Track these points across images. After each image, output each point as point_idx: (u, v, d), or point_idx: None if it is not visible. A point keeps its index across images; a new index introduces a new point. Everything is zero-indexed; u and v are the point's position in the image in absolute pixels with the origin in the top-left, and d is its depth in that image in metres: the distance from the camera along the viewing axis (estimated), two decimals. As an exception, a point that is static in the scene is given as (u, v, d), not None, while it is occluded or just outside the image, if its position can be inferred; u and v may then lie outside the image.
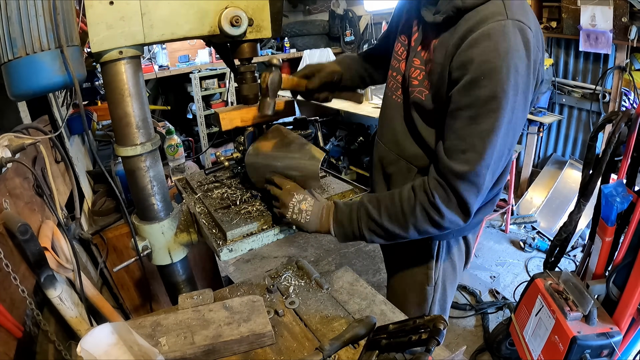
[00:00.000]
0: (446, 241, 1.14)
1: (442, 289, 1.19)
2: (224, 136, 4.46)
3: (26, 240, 0.84)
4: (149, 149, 0.98)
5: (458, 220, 0.91)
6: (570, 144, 3.34)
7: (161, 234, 1.07)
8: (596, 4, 2.65)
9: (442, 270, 1.17)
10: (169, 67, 4.36)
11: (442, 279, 1.18)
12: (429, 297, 1.18)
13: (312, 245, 3.23)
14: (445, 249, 1.15)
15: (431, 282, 1.17)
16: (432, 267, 1.16)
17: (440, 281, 1.18)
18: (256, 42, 1.04)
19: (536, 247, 2.94)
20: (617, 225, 1.41)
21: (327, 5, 5.05)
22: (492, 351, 2.04)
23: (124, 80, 0.91)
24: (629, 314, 1.34)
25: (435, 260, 1.15)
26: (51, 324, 0.92)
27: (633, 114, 1.37)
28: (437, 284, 1.18)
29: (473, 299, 2.51)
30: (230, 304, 0.93)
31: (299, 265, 1.13)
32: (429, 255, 1.15)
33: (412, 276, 1.20)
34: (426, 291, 1.18)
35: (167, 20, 0.90)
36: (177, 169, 2.00)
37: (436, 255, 1.14)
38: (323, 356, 0.76)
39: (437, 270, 1.16)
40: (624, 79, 2.80)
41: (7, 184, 0.97)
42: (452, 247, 1.16)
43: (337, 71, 1.18)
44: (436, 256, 1.15)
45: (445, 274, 1.18)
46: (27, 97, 0.90)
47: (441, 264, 1.16)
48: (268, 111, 1.04)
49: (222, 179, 1.31)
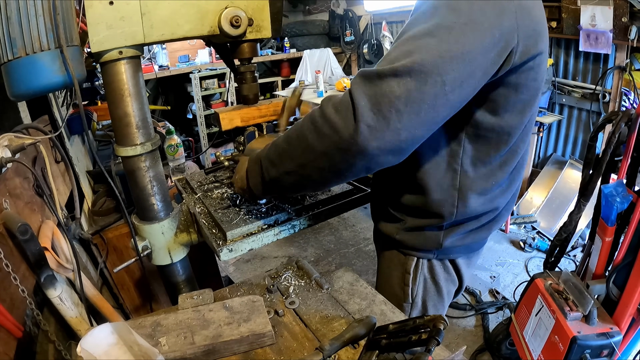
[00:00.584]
0: (427, 260, 1.07)
1: (422, 308, 1.12)
2: (224, 136, 4.47)
3: (26, 240, 0.84)
4: (149, 149, 0.98)
5: (338, 124, 0.70)
6: (570, 144, 3.34)
7: (161, 234, 1.07)
8: (596, 4, 2.65)
9: (423, 290, 1.10)
10: (169, 67, 4.36)
11: (423, 298, 1.11)
12: (405, 314, 1.11)
13: (312, 245, 3.23)
14: (425, 268, 1.08)
15: (408, 299, 1.10)
16: (409, 283, 1.09)
17: (420, 300, 1.11)
18: (256, 42, 1.04)
19: (536, 247, 2.94)
20: (617, 225, 1.41)
21: (327, 5, 5.05)
22: (492, 351, 2.04)
23: (124, 80, 0.91)
24: (629, 314, 1.34)
25: (412, 277, 1.08)
26: (51, 324, 0.92)
27: (633, 114, 1.37)
28: (416, 303, 1.11)
29: (473, 299, 2.51)
30: (230, 304, 0.93)
31: (299, 265, 1.13)
32: (405, 270, 1.09)
33: (390, 287, 1.14)
34: (403, 307, 1.12)
35: (167, 20, 0.90)
36: (177, 169, 2.00)
37: (413, 272, 1.08)
38: (323, 356, 0.75)
39: (415, 289, 1.10)
40: (624, 79, 2.80)
41: (7, 184, 0.96)
42: (435, 267, 1.08)
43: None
44: (413, 273, 1.08)
45: (427, 295, 1.11)
46: (27, 97, 0.90)
47: (420, 282, 1.09)
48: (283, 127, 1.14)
49: (222, 179, 1.31)
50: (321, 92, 3.92)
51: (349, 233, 3.38)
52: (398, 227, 1.05)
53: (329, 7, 5.02)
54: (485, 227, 1.03)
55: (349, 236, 3.34)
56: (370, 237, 3.27)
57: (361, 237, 3.30)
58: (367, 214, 3.59)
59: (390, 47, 0.76)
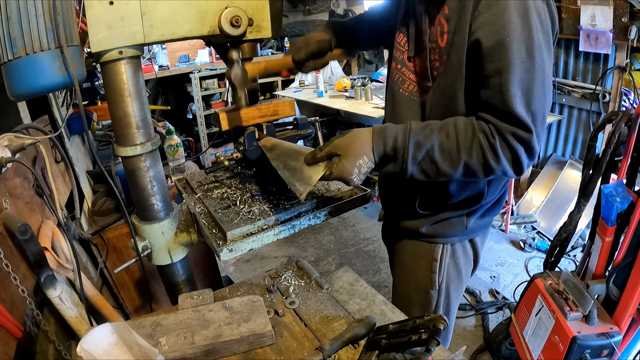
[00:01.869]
0: (450, 245, 1.12)
1: (446, 293, 1.17)
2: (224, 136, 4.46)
3: (26, 240, 0.84)
4: (149, 149, 0.98)
5: (509, 172, 0.87)
6: (570, 144, 3.34)
7: (161, 234, 1.07)
8: (596, 4, 2.65)
9: (447, 274, 1.15)
10: (169, 67, 4.36)
11: (447, 283, 1.16)
12: (432, 301, 1.17)
13: (312, 245, 3.23)
14: (449, 253, 1.13)
15: (435, 285, 1.15)
16: (436, 270, 1.14)
17: (445, 285, 1.16)
18: (256, 42, 1.04)
19: (536, 247, 2.94)
20: (617, 225, 1.41)
21: (327, 5, 5.05)
22: (492, 351, 2.04)
23: (124, 80, 0.91)
24: (629, 314, 1.34)
25: (438, 264, 1.13)
26: (51, 324, 0.92)
27: (633, 114, 1.37)
28: (441, 288, 1.16)
29: (473, 299, 2.51)
30: (230, 304, 0.93)
31: (299, 265, 1.13)
32: (432, 258, 1.13)
33: (415, 280, 1.18)
34: (430, 295, 1.16)
35: (167, 20, 0.90)
36: (177, 169, 2.00)
37: (440, 259, 1.13)
38: (323, 356, 0.75)
39: (440, 274, 1.14)
40: (624, 79, 2.80)
41: (7, 184, 0.96)
42: (457, 250, 1.14)
43: (325, 39, 1.13)
44: (440, 259, 1.13)
45: (450, 278, 1.16)
46: (27, 97, 0.90)
47: (445, 267, 1.14)
48: (242, 103, 1.06)
49: (222, 179, 1.31)
50: (321, 92, 3.92)
51: (349, 233, 3.38)
52: (423, 221, 1.10)
53: (329, 7, 5.02)
54: (497, 202, 1.13)
55: (349, 236, 3.34)
56: (370, 237, 3.27)
57: (361, 237, 3.30)
58: (367, 214, 3.59)
59: (488, 80, 0.84)
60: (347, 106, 3.47)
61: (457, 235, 1.11)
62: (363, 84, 3.77)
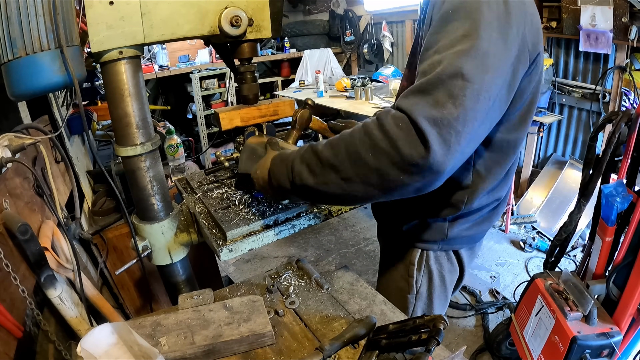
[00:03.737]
0: (432, 252, 1.09)
1: (426, 299, 1.14)
2: (224, 136, 4.46)
3: (26, 240, 0.84)
4: (149, 149, 0.98)
5: (400, 142, 0.66)
6: (570, 144, 3.34)
7: (161, 234, 1.07)
8: (596, 4, 2.65)
9: (427, 281, 1.12)
10: (169, 67, 4.36)
11: (428, 290, 1.13)
12: (409, 306, 1.14)
13: (312, 245, 3.23)
14: (432, 260, 1.10)
15: (412, 290, 1.12)
16: (413, 274, 1.11)
17: (425, 291, 1.13)
18: (256, 42, 1.04)
19: (536, 247, 2.94)
20: (617, 225, 1.41)
21: (327, 5, 5.05)
22: (492, 351, 2.04)
23: (124, 80, 0.91)
24: (629, 314, 1.34)
25: (416, 268, 1.10)
26: (51, 324, 0.92)
27: (633, 114, 1.37)
28: (420, 294, 1.13)
29: (473, 299, 2.51)
30: (230, 304, 0.93)
31: (299, 265, 1.13)
32: (410, 262, 1.10)
33: (393, 281, 1.16)
34: (407, 299, 1.14)
35: (167, 20, 0.90)
36: (177, 169, 2.00)
37: (418, 263, 1.10)
38: (323, 356, 0.75)
39: (419, 279, 1.11)
40: (624, 79, 2.80)
41: (7, 184, 0.96)
42: (440, 258, 1.11)
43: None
44: (418, 264, 1.10)
45: (432, 286, 1.13)
46: (27, 97, 0.90)
47: (425, 273, 1.11)
48: (290, 141, 1.12)
49: (222, 179, 1.31)
50: (321, 92, 3.92)
51: (349, 233, 3.38)
52: (404, 220, 1.08)
53: (329, 7, 5.02)
54: (487, 218, 1.07)
55: (349, 236, 3.34)
56: (370, 237, 3.27)
57: (361, 237, 3.30)
58: (367, 214, 3.58)
59: (424, 54, 0.75)
60: (347, 106, 3.47)
61: (437, 243, 1.07)
62: (363, 84, 3.77)
